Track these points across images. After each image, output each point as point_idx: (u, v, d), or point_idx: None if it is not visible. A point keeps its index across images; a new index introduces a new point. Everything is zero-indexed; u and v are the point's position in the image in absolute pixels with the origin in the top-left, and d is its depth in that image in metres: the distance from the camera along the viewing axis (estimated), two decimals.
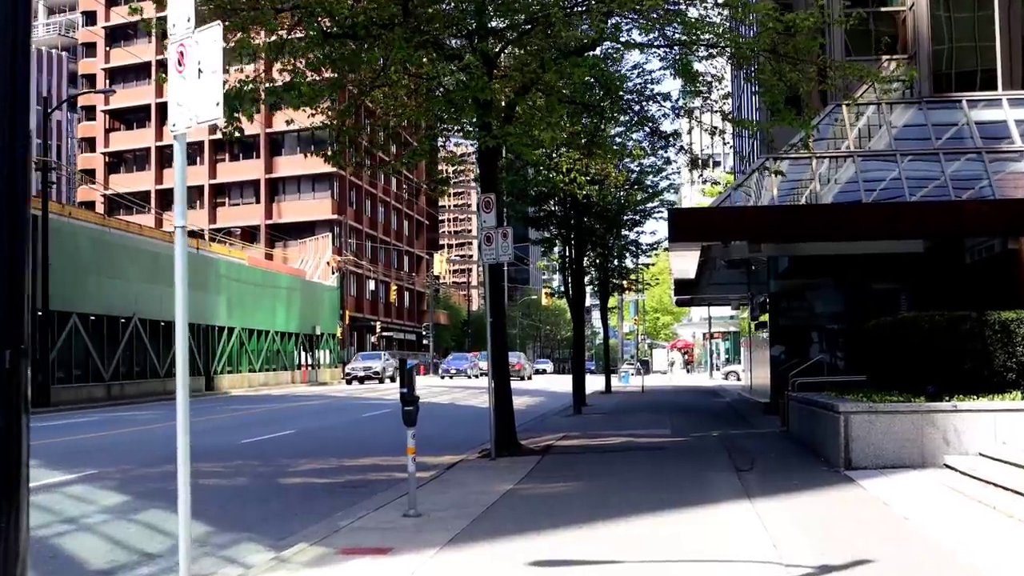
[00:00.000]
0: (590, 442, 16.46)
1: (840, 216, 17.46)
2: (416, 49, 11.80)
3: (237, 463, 15.16)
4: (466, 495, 10.92)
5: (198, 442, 19.12)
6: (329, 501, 11.37)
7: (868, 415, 12.07)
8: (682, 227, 18.57)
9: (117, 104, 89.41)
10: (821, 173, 19.56)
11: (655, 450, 14.92)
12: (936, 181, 18.66)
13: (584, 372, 28.32)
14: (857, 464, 11.97)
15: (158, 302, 40.50)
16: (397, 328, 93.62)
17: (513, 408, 15.23)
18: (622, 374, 53.67)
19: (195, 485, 13.28)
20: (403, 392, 9.70)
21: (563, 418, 23.96)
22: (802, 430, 15.62)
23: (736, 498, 10.13)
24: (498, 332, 14.79)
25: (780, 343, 22.43)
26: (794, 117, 12.98)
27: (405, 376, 9.71)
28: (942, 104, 20.70)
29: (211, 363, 45.68)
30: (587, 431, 19.05)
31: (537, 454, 14.53)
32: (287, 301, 55.22)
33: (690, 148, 15.57)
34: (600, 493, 10.71)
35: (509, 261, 14.27)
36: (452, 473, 13.02)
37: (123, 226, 43.19)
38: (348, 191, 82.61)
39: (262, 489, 12.41)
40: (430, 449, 17.27)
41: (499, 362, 14.97)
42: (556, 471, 12.79)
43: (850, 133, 20.51)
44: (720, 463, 13.12)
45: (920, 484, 10.77)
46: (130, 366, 38.91)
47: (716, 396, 35.65)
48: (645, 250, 36.26)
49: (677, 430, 18.90)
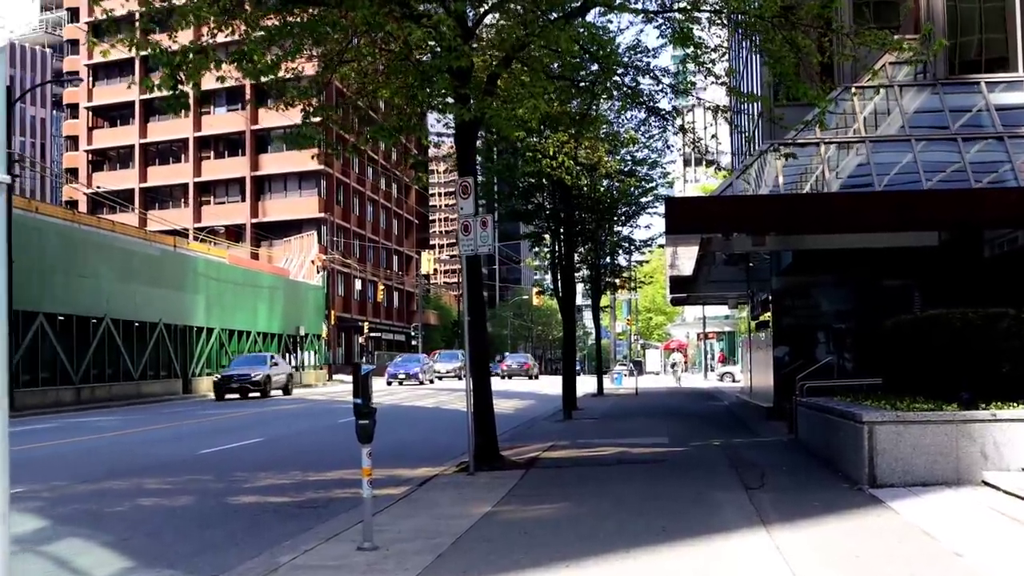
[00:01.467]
0: (580, 453, 14.96)
1: (853, 205, 16.00)
2: (380, 7, 10.31)
3: (187, 478, 13.65)
4: (436, 520, 9.44)
5: (153, 453, 17.73)
6: (280, 526, 9.89)
7: (896, 425, 10.60)
8: (679, 217, 17.10)
9: (100, 101, 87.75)
10: (829, 159, 18.11)
11: (652, 463, 13.42)
12: (954, 166, 17.22)
13: (575, 374, 26.82)
14: (883, 481, 10.50)
15: (131, 302, 38.96)
16: (386, 328, 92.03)
17: (494, 415, 13.72)
18: (615, 375, 52.14)
19: (131, 507, 11.84)
20: (357, 403, 8.21)
21: (552, 424, 22.47)
22: (814, 439, 14.16)
23: (749, 525, 8.66)
24: (477, 330, 13.31)
25: (784, 343, 20.98)
26: (808, 88, 11.48)
27: (359, 383, 8.20)
28: (959, 86, 19.25)
29: (189, 365, 44.06)
30: (577, 439, 17.57)
31: (521, 468, 13.04)
32: (269, 301, 53.59)
33: (692, 128, 14.10)
34: (590, 518, 9.22)
35: (489, 252, 12.77)
36: (425, 491, 11.52)
37: (94, 222, 41.56)
38: (336, 189, 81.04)
39: (206, 511, 10.91)
40: (407, 460, 15.81)
41: (479, 364, 13.47)
42: (541, 489, 11.31)
43: (859, 118, 19.05)
44: (726, 479, 11.65)
45: (960, 507, 9.31)
46: (101, 368, 37.27)
47: (713, 399, 34.18)
48: (639, 247, 34.83)
49: (675, 439, 17.43)
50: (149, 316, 40.46)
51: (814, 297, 20.84)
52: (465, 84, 11.54)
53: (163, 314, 41.45)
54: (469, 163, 12.85)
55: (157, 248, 43.04)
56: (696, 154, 14.52)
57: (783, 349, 20.94)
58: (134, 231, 43.99)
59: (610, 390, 42.84)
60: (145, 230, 46.99)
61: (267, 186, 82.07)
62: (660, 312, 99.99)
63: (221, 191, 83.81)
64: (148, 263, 40.96)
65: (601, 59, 12.88)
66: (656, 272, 75.64)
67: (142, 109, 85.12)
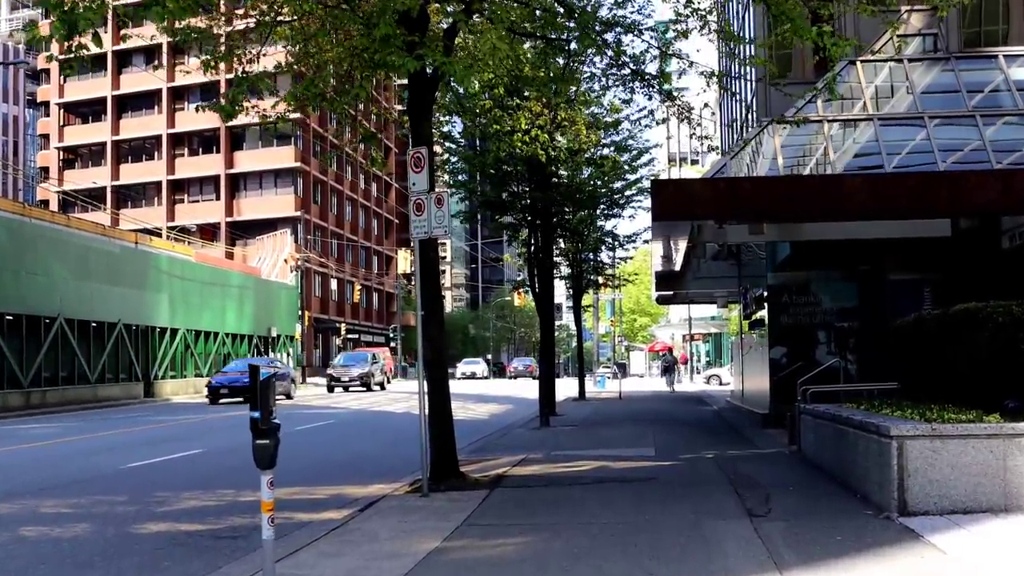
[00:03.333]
0: (555, 469, 13.07)
1: (867, 188, 14.18)
2: None
3: (97, 499, 11.71)
4: (368, 561, 7.57)
5: (75, 466, 15.64)
6: (180, 566, 8.03)
7: (930, 440, 8.77)
8: (667, 202, 15.26)
9: (71, 97, 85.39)
10: (833, 138, 16.32)
11: (638, 482, 11.54)
12: (973, 145, 15.46)
13: (553, 377, 24.94)
14: (915, 508, 8.68)
15: (88, 301, 36.84)
16: (364, 330, 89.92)
17: (453, 426, 11.84)
18: (597, 378, 50.34)
19: (12, 539, 9.93)
20: (254, 417, 6.32)
21: (528, 431, 20.60)
22: (821, 453, 12.35)
23: (759, 569, 6.84)
24: (433, 327, 11.44)
25: (781, 344, 19.17)
26: (820, 32, 9.62)
27: (256, 391, 6.31)
28: (974, 60, 17.52)
29: (151, 367, 41.90)
30: (553, 450, 15.70)
31: (484, 488, 11.15)
32: (239, 301, 51.42)
33: (681, 96, 12.23)
34: (561, 559, 7.37)
35: (446, 234, 10.91)
36: (366, 518, 9.65)
37: (47, 216, 39.39)
38: (313, 187, 78.95)
39: (100, 544, 8.99)
40: (361, 474, 13.96)
41: (435, 367, 11.58)
42: (505, 516, 9.43)
43: (865, 95, 17.29)
44: (725, 503, 9.80)
45: (1018, 541, 7.52)
46: (54, 371, 35.09)
47: (701, 404, 32.37)
48: (623, 243, 32.99)
49: (662, 449, 15.59)
50: (107, 316, 38.33)
51: (814, 293, 19.04)
52: (414, 32, 9.66)
53: (123, 314, 39.31)
54: (423, 131, 10.99)
55: (117, 245, 40.91)
56: (688, 126, 12.61)
57: (780, 350, 19.15)
58: (91, 227, 41.78)
59: (592, 394, 41.05)
60: (104, 226, 44.73)
61: (242, 184, 79.95)
62: (644, 313, 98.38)
63: (195, 189, 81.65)
64: (107, 260, 38.82)
65: (578, 12, 11.04)
66: (640, 271, 73.95)
67: (115, 105, 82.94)
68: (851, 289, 18.95)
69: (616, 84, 16.30)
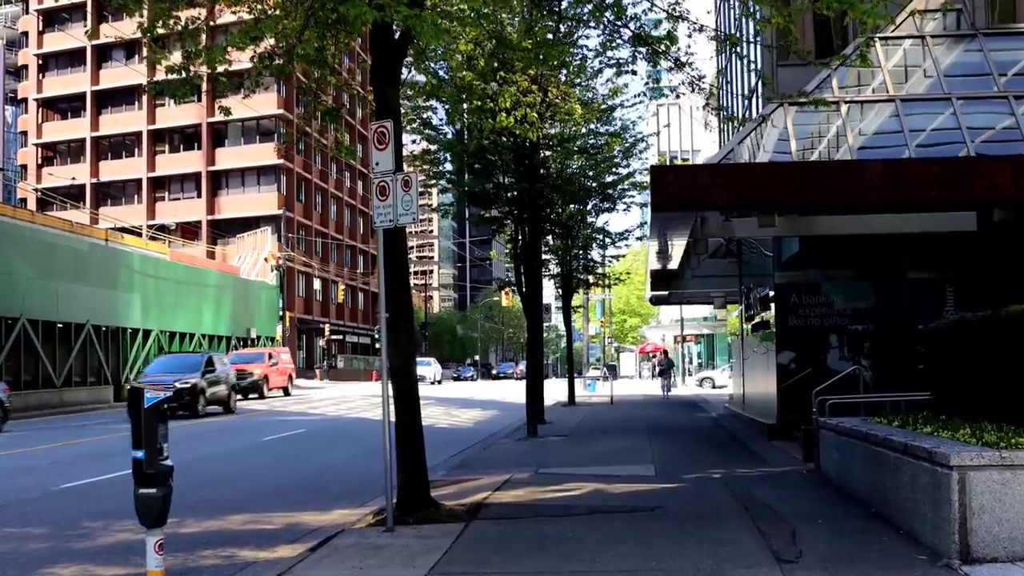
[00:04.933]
0: (542, 493, 11.44)
1: (894, 174, 12.61)
2: None
3: (6, 531, 10.03)
4: None
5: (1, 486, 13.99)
6: None
7: (1000, 472, 7.21)
8: (668, 192, 13.67)
9: (50, 92, 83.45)
10: (851, 120, 14.77)
11: (641, 513, 9.91)
12: (1004, 123, 13.94)
13: (541, 382, 23.31)
14: (980, 554, 7.13)
15: (53, 300, 35.03)
16: (349, 331, 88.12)
17: (424, 447, 10.20)
18: (588, 381, 48.77)
19: None
20: (137, 458, 4.69)
21: (513, 443, 18.99)
22: (848, 475, 10.78)
23: None
24: (401, 332, 9.80)
25: (789, 348, 17.59)
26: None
27: (140, 425, 4.67)
28: (1004, 38, 16.00)
29: (121, 370, 40.08)
30: (541, 468, 14.09)
31: (460, 520, 9.51)
32: (216, 301, 49.60)
33: (691, 62, 10.64)
34: None
35: (414, 222, 9.28)
36: (317, 560, 8.02)
37: (8, 212, 37.56)
38: (296, 185, 77.15)
39: None
40: (323, 495, 12.37)
41: (402, 376, 9.95)
42: (483, 561, 7.80)
43: (884, 74, 15.75)
44: (745, 543, 8.19)
45: None
46: (16, 374, 33.26)
47: (697, 409, 30.82)
48: (615, 240, 31.42)
49: (663, 467, 14.00)
50: (75, 316, 36.53)
51: (826, 294, 17.48)
52: None
53: (91, 314, 37.51)
54: (389, 101, 9.37)
55: (85, 242, 39.11)
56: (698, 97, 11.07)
57: (788, 355, 17.58)
58: (58, 223, 39.94)
59: (582, 397, 39.50)
60: (71, 222, 42.89)
61: (224, 181, 78.10)
62: (635, 314, 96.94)
63: (176, 186, 79.77)
64: (74, 258, 37.01)
65: None
66: (631, 271, 72.44)
67: (94, 100, 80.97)
68: (866, 289, 17.39)
69: (612, 64, 14.77)
